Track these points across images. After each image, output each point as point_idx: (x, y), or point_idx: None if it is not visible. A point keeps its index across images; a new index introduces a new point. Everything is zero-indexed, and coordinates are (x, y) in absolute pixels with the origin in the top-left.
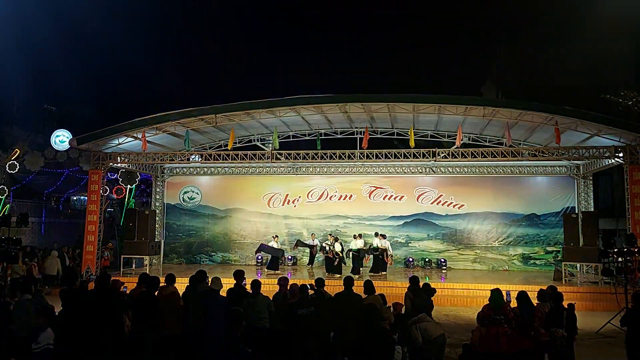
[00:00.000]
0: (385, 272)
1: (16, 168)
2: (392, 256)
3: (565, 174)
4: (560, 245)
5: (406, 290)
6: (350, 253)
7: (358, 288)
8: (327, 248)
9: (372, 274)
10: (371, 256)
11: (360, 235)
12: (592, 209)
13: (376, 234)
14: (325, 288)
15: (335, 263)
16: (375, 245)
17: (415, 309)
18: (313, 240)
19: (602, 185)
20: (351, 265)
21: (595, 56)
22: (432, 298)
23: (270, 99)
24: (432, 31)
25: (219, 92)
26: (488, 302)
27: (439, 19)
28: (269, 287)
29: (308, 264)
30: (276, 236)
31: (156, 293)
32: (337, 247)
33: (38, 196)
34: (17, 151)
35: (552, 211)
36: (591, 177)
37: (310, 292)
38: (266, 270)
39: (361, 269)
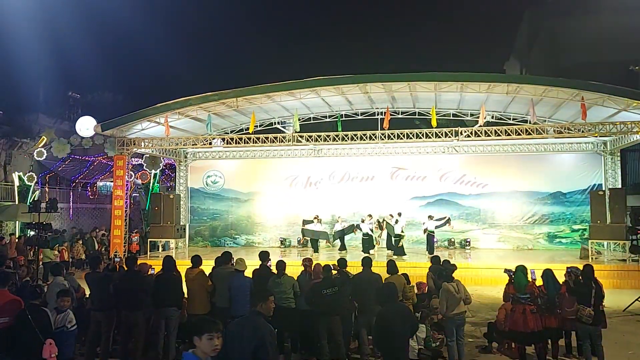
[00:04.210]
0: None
1: (44, 155)
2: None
3: (591, 150)
4: (587, 223)
5: (428, 270)
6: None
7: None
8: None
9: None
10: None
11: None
12: (620, 186)
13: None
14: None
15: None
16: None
17: (438, 288)
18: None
19: (630, 161)
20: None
21: (622, 28)
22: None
23: (291, 81)
24: (454, 8)
25: (239, 76)
26: (512, 281)
27: None
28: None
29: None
30: (317, 216)
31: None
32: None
33: (66, 182)
34: (44, 139)
35: (578, 189)
36: (619, 153)
37: (334, 272)
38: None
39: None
